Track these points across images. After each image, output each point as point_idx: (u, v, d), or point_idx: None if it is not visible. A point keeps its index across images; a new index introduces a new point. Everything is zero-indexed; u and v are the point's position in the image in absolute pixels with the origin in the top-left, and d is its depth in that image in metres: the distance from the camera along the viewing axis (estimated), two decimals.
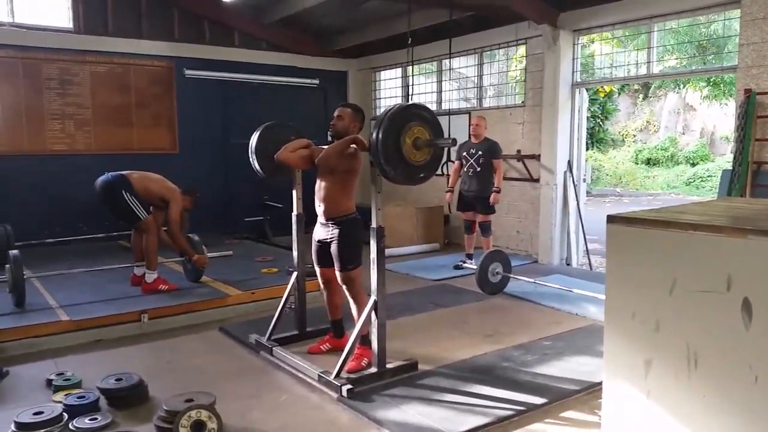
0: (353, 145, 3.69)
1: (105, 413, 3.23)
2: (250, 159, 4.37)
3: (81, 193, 7.59)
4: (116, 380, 3.48)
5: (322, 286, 4.18)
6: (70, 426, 3.09)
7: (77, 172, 7.70)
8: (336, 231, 3.85)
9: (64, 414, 3.15)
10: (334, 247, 3.86)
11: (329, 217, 3.89)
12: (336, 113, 3.91)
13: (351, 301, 3.92)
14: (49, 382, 3.67)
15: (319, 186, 3.91)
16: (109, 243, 7.85)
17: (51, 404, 3.28)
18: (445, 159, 6.96)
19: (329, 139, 3.89)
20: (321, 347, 4.22)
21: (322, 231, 3.95)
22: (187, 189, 5.81)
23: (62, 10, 8.07)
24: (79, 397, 3.32)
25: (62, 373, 3.74)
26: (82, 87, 8.03)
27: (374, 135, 3.34)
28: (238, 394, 3.58)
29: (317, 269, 4.11)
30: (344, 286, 3.92)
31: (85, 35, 8.07)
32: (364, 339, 3.89)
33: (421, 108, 3.58)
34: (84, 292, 5.33)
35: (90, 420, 3.12)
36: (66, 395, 3.38)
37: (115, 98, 8.27)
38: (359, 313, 3.83)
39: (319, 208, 3.92)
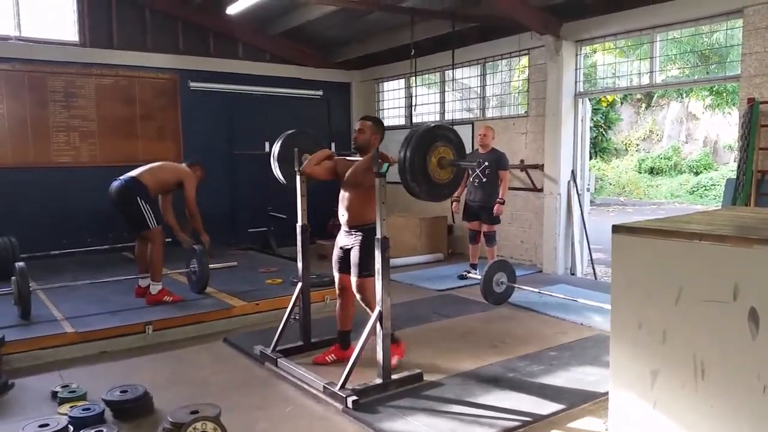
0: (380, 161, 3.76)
1: (110, 425, 3.23)
2: (272, 166, 4.43)
3: (86, 205, 7.67)
4: (121, 392, 3.48)
5: (337, 292, 4.25)
6: None
7: (82, 184, 7.77)
8: (359, 238, 3.96)
9: (70, 426, 3.14)
10: (354, 252, 3.95)
11: (352, 226, 4.00)
12: (357, 126, 4.06)
13: (368, 309, 3.94)
14: (54, 394, 3.67)
15: (343, 197, 4.04)
16: (113, 255, 7.89)
17: (56, 416, 3.28)
18: None
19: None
20: (326, 358, 4.23)
21: (345, 238, 4.07)
22: (192, 162, 5.86)
23: (68, 24, 8.14)
24: (84, 409, 3.32)
25: (67, 385, 3.75)
26: (88, 99, 8.08)
27: (402, 153, 3.47)
28: (244, 406, 3.58)
29: (336, 275, 4.19)
30: (358, 294, 4.00)
31: (91, 48, 8.14)
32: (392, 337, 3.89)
33: (446, 129, 3.71)
34: (89, 304, 5.34)
35: None
36: (71, 407, 3.38)
37: (120, 110, 8.32)
38: None
39: (343, 217, 4.05)
